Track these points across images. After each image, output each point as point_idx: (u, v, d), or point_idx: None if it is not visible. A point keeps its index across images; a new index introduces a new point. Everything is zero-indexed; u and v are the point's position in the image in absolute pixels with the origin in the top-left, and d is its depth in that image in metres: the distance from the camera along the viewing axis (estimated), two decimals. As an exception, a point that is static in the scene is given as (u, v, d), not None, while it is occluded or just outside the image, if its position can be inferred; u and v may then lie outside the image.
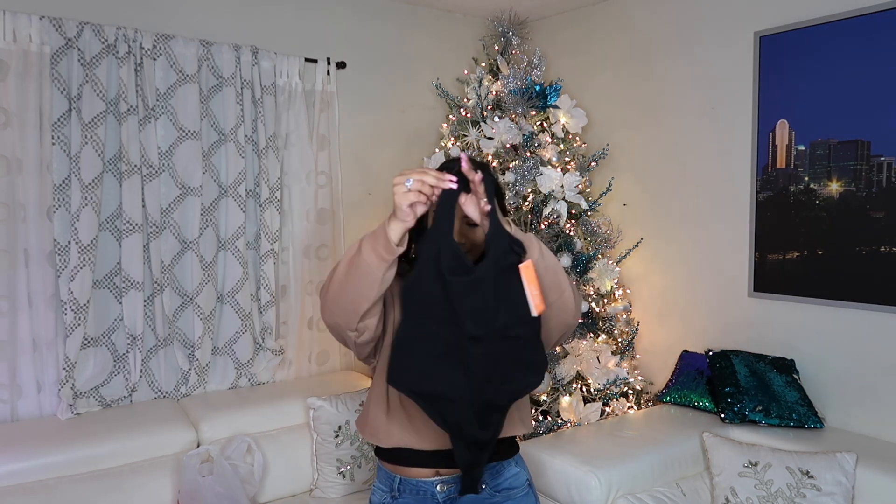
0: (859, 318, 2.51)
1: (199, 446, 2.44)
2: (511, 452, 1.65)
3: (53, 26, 2.43)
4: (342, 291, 1.40)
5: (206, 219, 2.77)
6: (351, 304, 1.40)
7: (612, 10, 3.31)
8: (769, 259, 2.74)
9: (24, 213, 2.45)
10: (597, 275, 2.99)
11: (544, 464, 2.33)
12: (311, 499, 2.51)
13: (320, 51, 3.11)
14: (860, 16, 2.43)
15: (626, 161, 3.27)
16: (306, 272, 3.07)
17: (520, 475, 1.64)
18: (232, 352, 2.89)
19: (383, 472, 1.65)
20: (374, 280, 1.36)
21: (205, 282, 2.76)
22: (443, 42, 3.52)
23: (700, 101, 2.96)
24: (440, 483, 1.57)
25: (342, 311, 1.42)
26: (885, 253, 2.42)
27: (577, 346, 2.88)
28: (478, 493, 1.50)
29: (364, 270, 1.36)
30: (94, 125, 2.50)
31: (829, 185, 2.55)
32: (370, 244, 1.36)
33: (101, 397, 2.60)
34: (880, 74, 2.39)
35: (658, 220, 3.16)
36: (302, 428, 2.61)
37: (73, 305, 2.47)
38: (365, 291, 1.38)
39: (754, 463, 2.28)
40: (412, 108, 3.44)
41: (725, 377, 2.65)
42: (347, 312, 1.41)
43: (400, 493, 1.60)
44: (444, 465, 1.56)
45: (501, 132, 2.95)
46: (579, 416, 2.76)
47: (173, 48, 2.66)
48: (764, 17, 2.71)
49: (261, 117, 2.87)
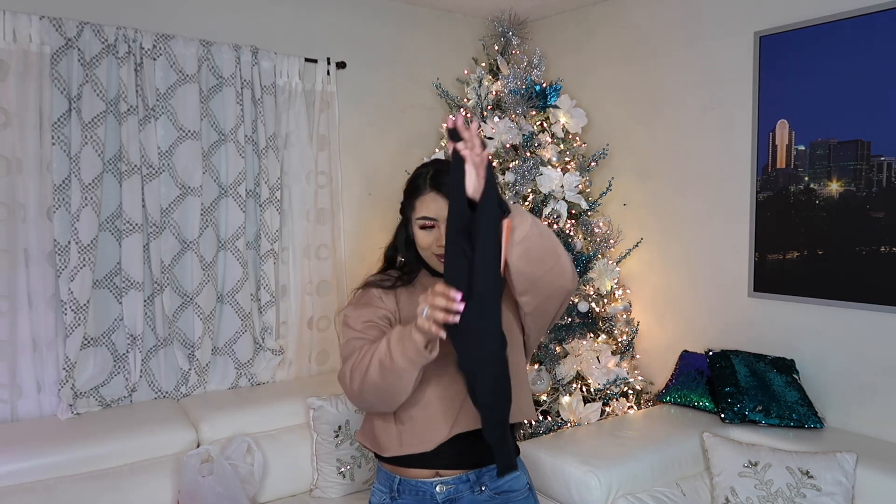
0: (859, 318, 2.51)
1: (199, 446, 2.44)
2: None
3: (53, 26, 2.43)
4: (378, 392, 1.46)
5: (206, 219, 2.77)
6: (391, 399, 1.47)
7: (612, 10, 3.31)
8: (769, 259, 2.74)
9: (24, 213, 2.45)
10: (597, 275, 2.99)
11: (544, 464, 2.33)
12: (311, 499, 2.51)
13: (320, 51, 3.11)
14: (860, 16, 2.43)
15: (626, 161, 3.27)
16: (306, 272, 3.07)
17: (520, 478, 1.64)
18: (232, 352, 2.89)
19: (383, 473, 1.65)
20: (410, 379, 1.43)
21: (205, 282, 2.76)
22: (443, 42, 3.52)
23: (700, 101, 2.96)
24: (440, 484, 1.57)
25: (381, 404, 1.50)
26: (885, 253, 2.42)
27: (577, 346, 2.88)
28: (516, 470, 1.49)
29: (398, 374, 1.41)
30: (94, 125, 2.50)
31: (829, 185, 2.55)
32: (400, 350, 1.39)
33: (101, 397, 2.60)
34: (880, 74, 2.39)
35: (658, 220, 3.16)
36: (302, 428, 2.60)
37: (73, 305, 2.47)
38: (403, 388, 1.44)
39: (754, 463, 2.28)
40: (412, 108, 3.44)
41: (725, 377, 2.65)
42: (387, 405, 1.50)
43: (399, 494, 1.60)
44: (444, 466, 1.57)
45: (501, 132, 2.95)
46: (579, 416, 2.76)
47: (173, 48, 2.66)
48: (764, 17, 2.71)
49: (261, 117, 2.87)
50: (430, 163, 1.60)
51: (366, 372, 1.44)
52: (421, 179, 1.55)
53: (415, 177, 1.58)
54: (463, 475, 1.57)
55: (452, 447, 1.54)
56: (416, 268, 1.63)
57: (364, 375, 1.45)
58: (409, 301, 1.60)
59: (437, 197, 1.51)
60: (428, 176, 1.54)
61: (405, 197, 1.59)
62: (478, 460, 1.58)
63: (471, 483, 1.58)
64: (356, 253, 3.24)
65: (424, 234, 1.54)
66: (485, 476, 1.59)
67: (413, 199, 1.55)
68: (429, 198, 1.52)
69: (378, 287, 1.62)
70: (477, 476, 1.58)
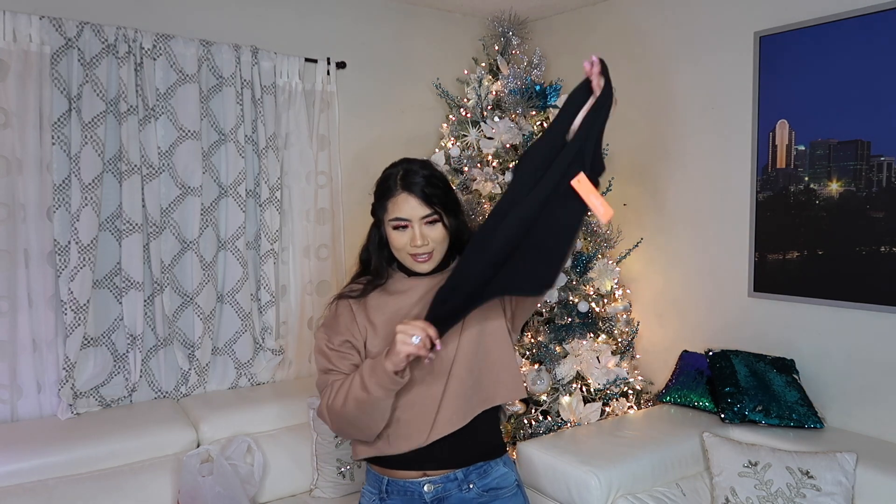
0: (859, 318, 2.51)
1: (199, 446, 2.44)
2: (498, 453, 1.66)
3: (53, 26, 2.43)
4: (357, 424, 1.52)
5: (206, 219, 2.77)
6: (369, 430, 1.53)
7: (612, 10, 3.31)
8: (769, 259, 2.74)
9: (24, 213, 2.45)
10: (597, 275, 2.99)
11: (544, 464, 2.33)
12: (311, 499, 2.51)
13: (320, 51, 3.11)
14: (860, 16, 2.43)
15: (626, 161, 3.27)
16: (306, 272, 3.07)
17: (508, 475, 1.65)
18: (232, 352, 2.89)
19: (372, 475, 1.66)
20: (387, 407, 1.50)
21: (205, 282, 2.76)
22: (443, 42, 3.52)
23: (700, 101, 2.96)
24: (427, 483, 1.59)
25: (360, 434, 1.56)
26: (885, 253, 2.42)
27: (577, 346, 2.88)
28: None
29: (375, 405, 1.48)
30: (94, 125, 2.50)
31: (829, 185, 2.55)
32: (375, 382, 1.44)
33: (101, 397, 2.60)
34: (880, 74, 2.39)
35: (658, 220, 3.16)
36: (302, 428, 2.60)
37: (73, 305, 2.47)
38: (381, 416, 1.51)
39: (754, 463, 2.28)
40: (412, 108, 3.44)
41: (725, 377, 2.65)
42: (367, 435, 1.55)
43: (388, 495, 1.61)
44: (431, 467, 1.59)
45: (501, 132, 2.95)
46: (579, 416, 2.76)
47: (173, 48, 2.66)
48: (764, 17, 2.71)
49: (261, 117, 2.87)
50: (399, 163, 1.61)
51: (343, 406, 1.50)
52: (392, 181, 1.56)
53: (384, 178, 1.59)
54: (450, 474, 1.59)
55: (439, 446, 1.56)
56: (387, 271, 1.64)
57: (342, 410, 1.50)
58: (380, 302, 1.62)
59: (409, 197, 1.52)
60: (398, 177, 1.55)
61: (376, 199, 1.60)
62: (464, 459, 1.59)
63: (458, 481, 1.59)
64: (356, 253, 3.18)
65: (398, 235, 1.55)
66: (472, 474, 1.60)
67: (385, 201, 1.56)
68: (401, 199, 1.53)
69: (348, 298, 1.64)
70: (464, 474, 1.60)
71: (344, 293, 1.66)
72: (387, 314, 1.60)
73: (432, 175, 1.56)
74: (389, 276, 1.64)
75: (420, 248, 1.54)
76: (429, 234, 1.54)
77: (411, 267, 1.59)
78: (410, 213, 1.53)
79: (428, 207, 1.53)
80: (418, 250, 1.54)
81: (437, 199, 1.54)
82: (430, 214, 1.53)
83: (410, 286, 1.62)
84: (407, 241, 1.55)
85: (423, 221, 1.53)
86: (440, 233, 1.56)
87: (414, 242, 1.54)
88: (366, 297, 1.63)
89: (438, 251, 1.57)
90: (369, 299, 1.63)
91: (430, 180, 1.54)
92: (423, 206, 1.53)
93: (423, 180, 1.54)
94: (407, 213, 1.53)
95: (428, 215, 1.53)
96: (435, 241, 1.55)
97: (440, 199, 1.55)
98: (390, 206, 1.55)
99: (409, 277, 1.63)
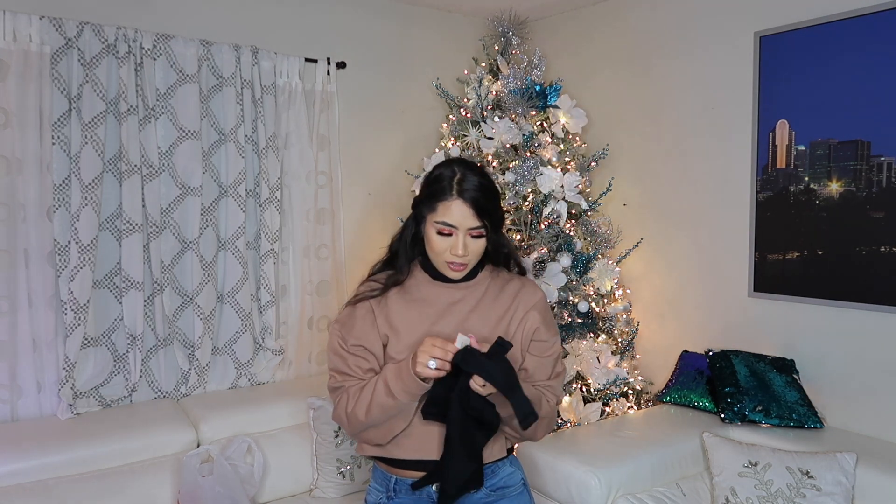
0: (859, 318, 2.51)
1: (199, 446, 2.44)
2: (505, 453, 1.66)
3: (53, 26, 2.43)
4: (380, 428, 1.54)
5: (206, 219, 2.77)
6: (390, 432, 1.55)
7: (612, 10, 3.31)
8: (769, 259, 2.74)
9: (24, 213, 2.45)
10: (597, 275, 2.99)
11: (544, 464, 2.33)
12: (311, 499, 2.51)
13: (320, 51, 3.11)
14: (860, 16, 2.43)
15: (626, 161, 3.27)
16: (306, 272, 3.07)
17: (514, 474, 1.65)
18: (232, 352, 2.89)
19: (379, 473, 1.66)
20: (411, 409, 1.51)
21: (205, 282, 2.76)
22: (443, 42, 3.52)
23: (700, 101, 2.96)
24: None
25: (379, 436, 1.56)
26: (885, 253, 2.42)
27: (577, 346, 2.88)
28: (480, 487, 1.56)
29: (400, 409, 1.50)
30: (94, 125, 2.50)
31: (829, 185, 2.55)
32: (402, 388, 1.46)
33: (101, 397, 2.60)
34: (880, 74, 2.39)
35: (658, 220, 3.16)
36: (302, 428, 2.60)
37: (73, 305, 2.47)
38: (405, 417, 1.53)
39: (754, 463, 2.28)
40: (412, 108, 3.44)
41: (725, 377, 2.65)
42: (385, 437, 1.56)
43: (396, 493, 1.61)
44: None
45: (501, 132, 2.95)
46: (579, 416, 2.76)
47: (173, 48, 2.66)
48: (764, 17, 2.71)
49: (261, 117, 2.87)
50: (455, 163, 1.56)
51: (367, 413, 1.51)
52: (447, 182, 1.51)
53: (439, 177, 1.53)
54: None
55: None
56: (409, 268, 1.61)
57: (367, 417, 1.51)
58: (402, 307, 1.59)
59: (463, 205, 1.49)
60: (455, 180, 1.51)
61: (426, 195, 1.55)
62: None
63: None
64: (356, 253, 3.24)
65: (440, 240, 1.52)
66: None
67: (435, 201, 1.51)
68: (454, 205, 1.49)
69: (368, 299, 1.61)
70: None
71: (364, 294, 1.62)
72: (410, 321, 1.57)
73: (488, 186, 1.53)
74: (411, 273, 1.62)
75: (459, 258, 1.52)
76: (471, 245, 1.52)
77: (442, 271, 1.57)
78: (460, 221, 1.49)
79: (478, 220, 1.50)
80: (457, 259, 1.52)
81: (488, 213, 1.51)
82: (478, 227, 1.51)
83: (434, 294, 1.59)
84: (447, 248, 1.52)
85: (469, 232, 1.51)
86: (481, 246, 1.54)
87: (455, 251, 1.51)
88: (385, 295, 1.60)
89: (473, 262, 1.56)
90: (390, 300, 1.60)
91: (484, 191, 1.51)
92: (474, 218, 1.50)
93: (479, 191, 1.50)
94: (457, 220, 1.50)
95: (476, 227, 1.51)
96: (474, 253, 1.54)
97: (490, 214, 1.52)
98: (441, 208, 1.50)
99: (432, 281, 1.61)
